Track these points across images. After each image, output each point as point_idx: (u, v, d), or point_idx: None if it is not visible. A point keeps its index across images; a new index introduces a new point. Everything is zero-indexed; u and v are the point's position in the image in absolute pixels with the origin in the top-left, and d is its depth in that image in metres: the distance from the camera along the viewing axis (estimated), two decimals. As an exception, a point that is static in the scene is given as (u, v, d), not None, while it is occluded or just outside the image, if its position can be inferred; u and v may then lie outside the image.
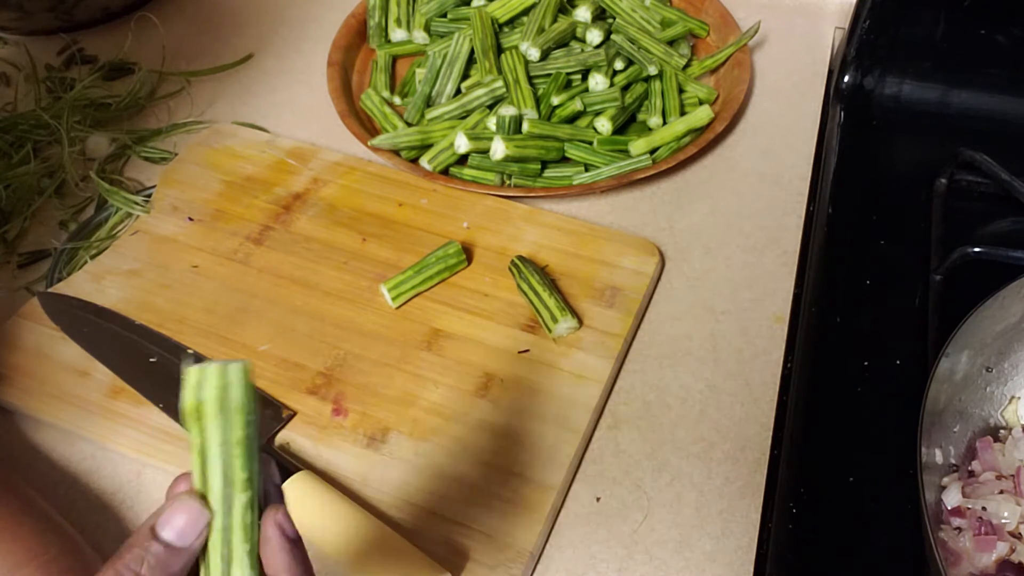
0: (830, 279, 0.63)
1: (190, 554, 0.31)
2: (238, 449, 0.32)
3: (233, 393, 0.31)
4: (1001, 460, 0.53)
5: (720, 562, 0.52)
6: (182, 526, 0.31)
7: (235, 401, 0.31)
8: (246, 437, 0.32)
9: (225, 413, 0.31)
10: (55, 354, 0.61)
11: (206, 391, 0.31)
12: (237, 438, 0.32)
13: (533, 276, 0.62)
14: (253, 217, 0.70)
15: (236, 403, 0.31)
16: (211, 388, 0.31)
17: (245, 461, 0.32)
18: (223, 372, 0.31)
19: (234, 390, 0.31)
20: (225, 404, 0.31)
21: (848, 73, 0.77)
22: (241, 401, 0.32)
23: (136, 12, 0.91)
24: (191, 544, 0.31)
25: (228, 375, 0.31)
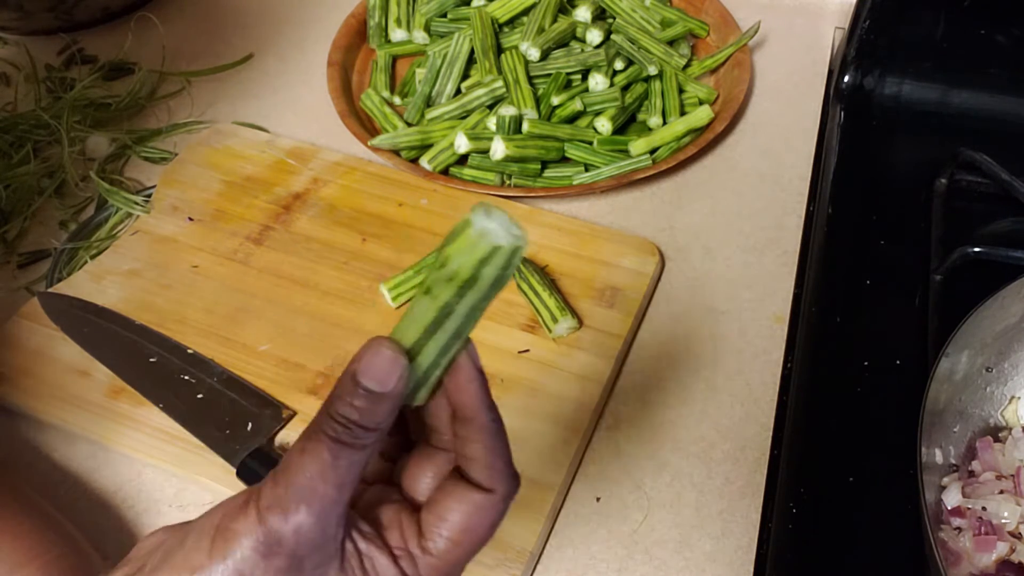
0: (830, 279, 0.63)
1: (395, 398, 0.31)
2: (479, 314, 0.32)
3: (507, 272, 0.31)
4: (1001, 460, 0.53)
5: (720, 562, 0.52)
6: (381, 373, 0.31)
7: (504, 279, 0.32)
8: (479, 305, 0.32)
9: (495, 286, 0.32)
10: (55, 354, 0.61)
11: (488, 268, 0.31)
12: (485, 305, 0.32)
13: (533, 276, 0.62)
14: (253, 217, 0.70)
15: (504, 280, 0.32)
16: (494, 267, 0.31)
17: (466, 321, 0.32)
18: (511, 254, 0.31)
19: (508, 270, 0.31)
20: (498, 280, 0.31)
21: (848, 73, 0.77)
22: (507, 277, 0.32)
23: (136, 12, 0.91)
24: (393, 388, 0.31)
25: (513, 257, 0.31)
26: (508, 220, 0.31)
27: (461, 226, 0.31)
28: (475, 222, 0.31)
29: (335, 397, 0.31)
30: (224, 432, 0.55)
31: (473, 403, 0.34)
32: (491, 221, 0.31)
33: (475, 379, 0.34)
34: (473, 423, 0.34)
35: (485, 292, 0.32)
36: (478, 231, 0.31)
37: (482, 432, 0.34)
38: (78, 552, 0.49)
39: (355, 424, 0.31)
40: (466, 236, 0.31)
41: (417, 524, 0.34)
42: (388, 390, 0.31)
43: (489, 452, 0.34)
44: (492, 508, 0.34)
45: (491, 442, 0.34)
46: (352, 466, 0.31)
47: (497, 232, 0.31)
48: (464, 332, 0.33)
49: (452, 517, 0.33)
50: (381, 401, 0.31)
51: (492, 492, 0.34)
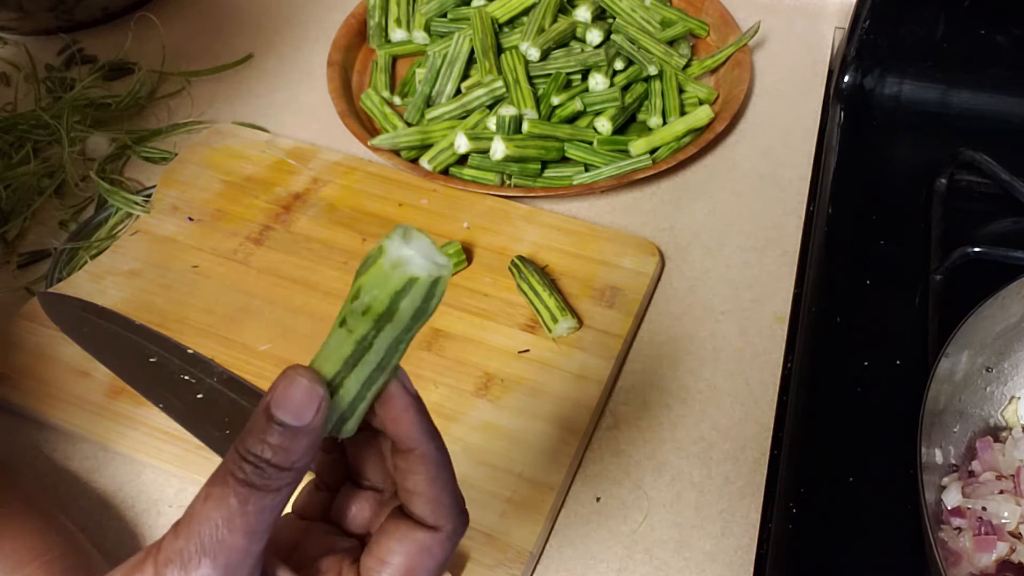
0: (830, 279, 0.63)
1: (314, 433, 0.28)
2: (403, 346, 0.30)
3: (429, 304, 0.29)
4: (1001, 460, 0.53)
5: (720, 562, 0.52)
6: (297, 405, 0.28)
7: (427, 310, 0.29)
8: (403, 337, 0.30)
9: (416, 319, 0.29)
10: (55, 354, 0.61)
11: (405, 301, 0.28)
12: (410, 337, 0.30)
13: (533, 276, 0.62)
14: (253, 217, 0.70)
15: (427, 311, 0.29)
16: (412, 300, 0.28)
17: (392, 355, 0.30)
18: (431, 286, 0.28)
19: (431, 301, 0.29)
20: (419, 312, 0.29)
21: (848, 73, 0.77)
22: (430, 309, 0.29)
23: (136, 12, 0.91)
24: (310, 422, 0.28)
25: (434, 288, 0.29)
26: (429, 246, 0.28)
27: (375, 253, 0.28)
28: (389, 250, 0.28)
29: (245, 434, 0.28)
30: (224, 432, 0.55)
31: (411, 432, 0.31)
32: (408, 248, 0.28)
33: (409, 407, 0.31)
34: (413, 454, 0.31)
35: (406, 325, 0.29)
36: (392, 260, 0.28)
37: (424, 463, 0.31)
38: (79, 551, 0.50)
39: (267, 463, 0.27)
40: (379, 266, 0.28)
41: (357, 571, 0.31)
42: (305, 424, 0.28)
43: (432, 484, 0.31)
44: (438, 547, 0.31)
45: (435, 473, 0.31)
46: (264, 512, 0.28)
47: (415, 261, 0.28)
48: (388, 364, 0.30)
49: (394, 560, 0.30)
50: (297, 436, 0.28)
51: (437, 530, 0.31)
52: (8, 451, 0.58)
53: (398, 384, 0.31)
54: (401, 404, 0.31)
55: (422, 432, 0.31)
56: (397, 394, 0.31)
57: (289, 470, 0.28)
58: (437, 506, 0.31)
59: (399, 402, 0.31)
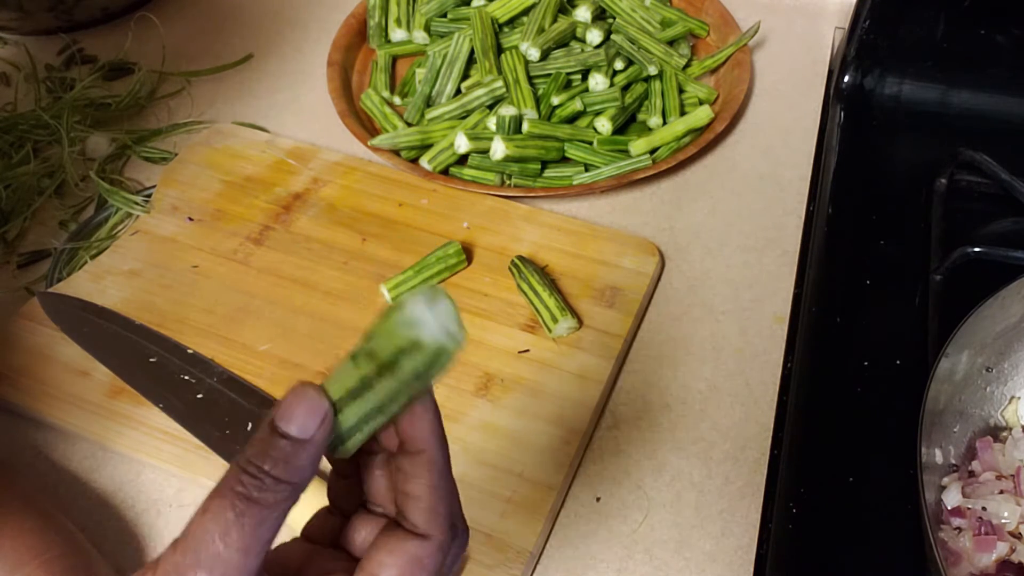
0: (830, 279, 0.63)
1: (316, 448, 0.29)
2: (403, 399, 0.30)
3: (431, 371, 0.29)
4: (1001, 460, 0.53)
5: (720, 562, 0.52)
6: (303, 417, 0.28)
7: (428, 377, 0.29)
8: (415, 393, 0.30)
9: (418, 381, 0.29)
10: (55, 354, 0.61)
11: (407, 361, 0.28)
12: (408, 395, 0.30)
13: (533, 276, 0.62)
14: (253, 217, 0.70)
15: (428, 378, 0.29)
16: (414, 362, 0.28)
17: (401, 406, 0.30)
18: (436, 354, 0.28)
19: (433, 369, 0.29)
20: (420, 376, 0.29)
21: (848, 73, 0.77)
22: (432, 375, 0.29)
23: (136, 12, 0.91)
24: (314, 435, 0.29)
25: (439, 358, 0.29)
26: (450, 314, 0.28)
27: (396, 304, 0.28)
28: (408, 307, 0.28)
29: (248, 447, 0.28)
30: (224, 432, 0.55)
31: (424, 435, 0.31)
32: (429, 311, 0.28)
33: (430, 410, 0.31)
34: (421, 457, 0.31)
35: (406, 383, 0.29)
36: (406, 318, 0.28)
37: (429, 468, 0.31)
38: (78, 551, 0.50)
39: (267, 475, 0.28)
40: (392, 319, 0.28)
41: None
42: (309, 436, 0.28)
43: (432, 492, 0.31)
44: (428, 558, 0.30)
45: (437, 481, 0.31)
46: (261, 527, 0.27)
47: (428, 325, 0.28)
48: (387, 411, 0.30)
49: (384, 572, 0.30)
50: (300, 450, 0.28)
51: (428, 538, 0.31)
52: (8, 451, 0.58)
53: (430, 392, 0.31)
54: (421, 407, 0.31)
55: (435, 437, 0.31)
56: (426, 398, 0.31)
57: (288, 484, 0.28)
58: (433, 515, 0.31)
59: (425, 403, 0.31)
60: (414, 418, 0.31)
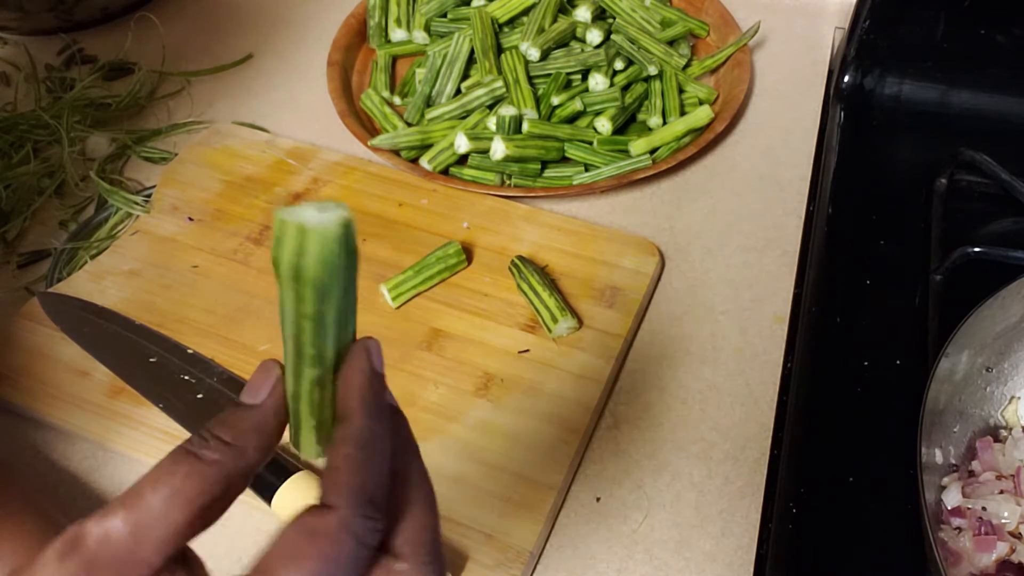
0: (830, 279, 0.63)
1: (264, 413, 0.29)
2: (307, 324, 0.28)
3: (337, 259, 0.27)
4: (1001, 460, 0.53)
5: (720, 562, 0.52)
6: (254, 385, 0.29)
7: (336, 268, 0.27)
8: (317, 313, 0.28)
9: (332, 278, 0.27)
10: (55, 354, 0.61)
11: (306, 259, 0.27)
12: (307, 312, 0.28)
13: (533, 276, 0.62)
14: (253, 217, 0.70)
15: (336, 269, 0.27)
16: (313, 256, 0.27)
17: (313, 337, 0.28)
18: (331, 237, 0.26)
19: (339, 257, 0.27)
20: (329, 267, 0.27)
21: (848, 73, 0.77)
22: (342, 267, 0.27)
23: (136, 12, 0.91)
24: (262, 401, 0.29)
25: (339, 240, 0.27)
26: (324, 205, 0.27)
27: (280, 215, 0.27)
28: (277, 218, 0.27)
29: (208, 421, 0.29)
30: (224, 432, 0.55)
31: (350, 398, 0.29)
32: (300, 211, 0.27)
33: (363, 371, 0.29)
34: (344, 424, 0.29)
35: (323, 287, 0.27)
36: (280, 222, 0.27)
37: (348, 436, 0.29)
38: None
39: (213, 436, 0.28)
40: (277, 230, 0.27)
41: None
42: (258, 400, 0.29)
43: (346, 462, 0.28)
44: (325, 532, 0.27)
45: (356, 452, 0.28)
46: (190, 479, 0.27)
47: (306, 216, 0.27)
48: (325, 351, 0.29)
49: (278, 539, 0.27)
50: (247, 414, 0.29)
51: (329, 510, 0.27)
52: (7, 451, 0.58)
53: (362, 345, 0.30)
54: (358, 364, 0.30)
55: (362, 402, 0.29)
56: (356, 354, 0.30)
57: (229, 445, 0.28)
58: (340, 487, 0.28)
59: (357, 361, 0.30)
60: (344, 381, 0.29)
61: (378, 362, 0.30)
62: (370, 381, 0.30)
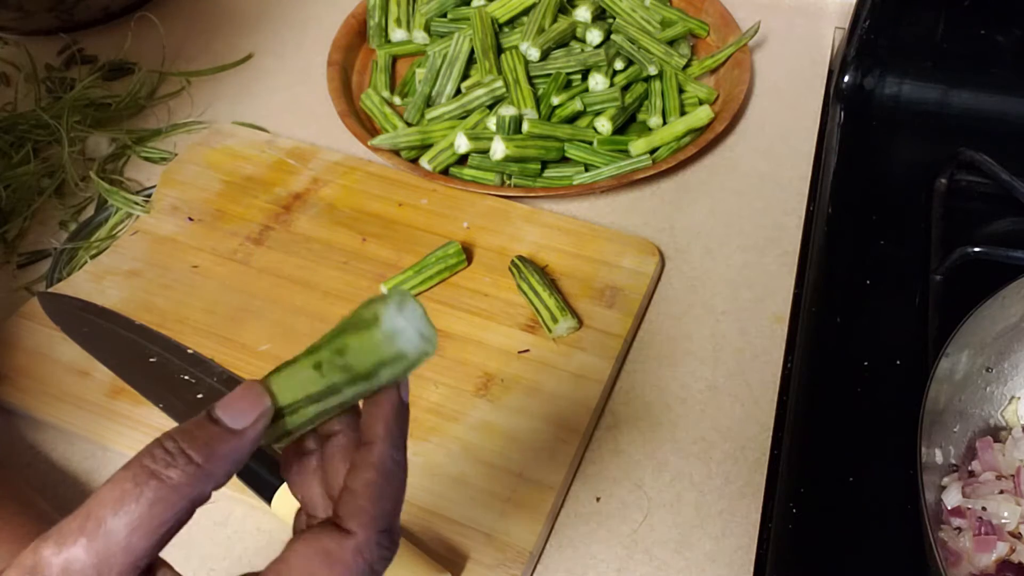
0: (830, 279, 0.63)
1: (243, 442, 0.27)
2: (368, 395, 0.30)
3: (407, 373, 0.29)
4: (1001, 460, 0.53)
5: (720, 562, 0.52)
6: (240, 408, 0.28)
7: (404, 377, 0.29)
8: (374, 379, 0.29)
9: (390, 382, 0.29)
10: (55, 354, 0.61)
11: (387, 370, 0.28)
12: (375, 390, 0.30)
13: (533, 276, 0.62)
14: (253, 217, 0.70)
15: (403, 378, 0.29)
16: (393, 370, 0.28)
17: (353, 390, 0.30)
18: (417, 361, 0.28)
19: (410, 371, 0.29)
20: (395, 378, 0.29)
21: (848, 73, 0.77)
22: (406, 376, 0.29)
23: (136, 12, 0.91)
24: (245, 429, 0.27)
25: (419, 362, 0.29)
26: (421, 316, 0.28)
27: (368, 317, 0.28)
28: (384, 320, 0.28)
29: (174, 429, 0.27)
30: (224, 432, 0.55)
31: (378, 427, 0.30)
32: (402, 318, 0.28)
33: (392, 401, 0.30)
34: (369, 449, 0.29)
35: (378, 385, 0.29)
36: (387, 332, 0.28)
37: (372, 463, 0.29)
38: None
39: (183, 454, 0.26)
40: (372, 335, 0.28)
41: None
42: (240, 427, 0.27)
43: (368, 488, 0.28)
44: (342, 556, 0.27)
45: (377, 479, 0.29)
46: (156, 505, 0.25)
47: (407, 334, 0.28)
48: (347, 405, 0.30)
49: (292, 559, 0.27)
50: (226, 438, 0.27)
51: (348, 535, 0.28)
52: (7, 451, 0.58)
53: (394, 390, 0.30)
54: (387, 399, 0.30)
55: (388, 432, 0.30)
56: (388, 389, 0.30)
57: (200, 468, 0.26)
58: (360, 512, 0.28)
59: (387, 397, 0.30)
60: (374, 406, 0.30)
61: (405, 393, 0.31)
62: (397, 411, 0.30)
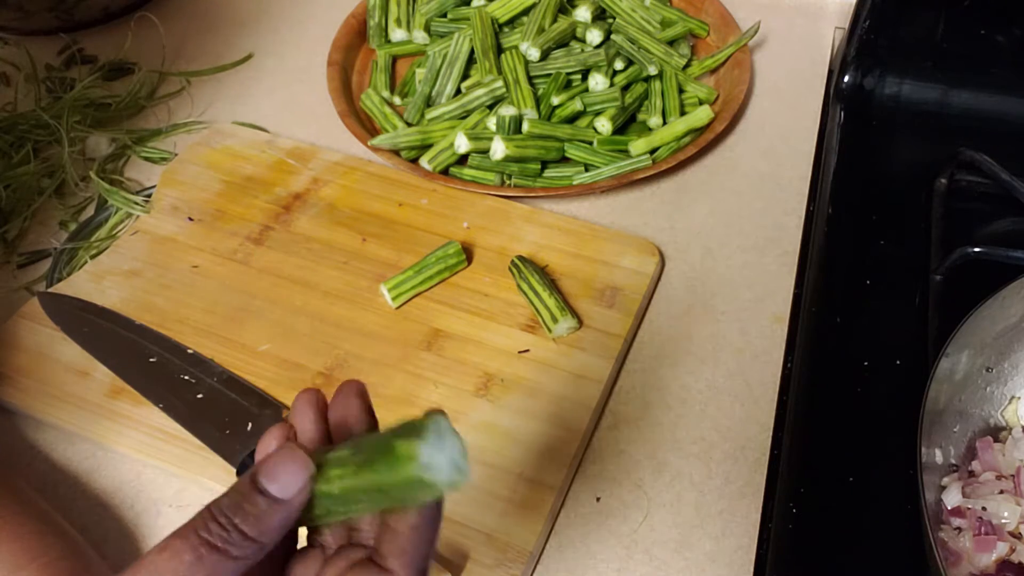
0: (830, 279, 0.63)
1: (289, 510, 0.29)
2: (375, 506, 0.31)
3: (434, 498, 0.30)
4: (1001, 460, 0.53)
5: (720, 562, 0.52)
6: (287, 477, 0.28)
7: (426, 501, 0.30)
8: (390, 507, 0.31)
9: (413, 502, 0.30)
10: (55, 354, 0.61)
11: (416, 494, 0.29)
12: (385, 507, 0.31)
13: (533, 276, 0.62)
14: (253, 217, 0.70)
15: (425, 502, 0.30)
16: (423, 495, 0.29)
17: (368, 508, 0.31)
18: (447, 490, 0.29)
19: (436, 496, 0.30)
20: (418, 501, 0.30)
21: (848, 73, 0.77)
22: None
23: (136, 12, 0.91)
24: (293, 497, 0.28)
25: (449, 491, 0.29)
26: (458, 450, 0.29)
27: (404, 451, 0.28)
28: (422, 453, 0.28)
29: (223, 496, 0.28)
30: (224, 432, 0.56)
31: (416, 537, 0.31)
32: (440, 451, 0.28)
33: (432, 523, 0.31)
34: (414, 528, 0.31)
35: (401, 503, 0.30)
36: (423, 464, 0.28)
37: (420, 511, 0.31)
38: (77, 554, 0.49)
39: (235, 528, 0.27)
40: (407, 466, 0.28)
41: None
42: (287, 497, 0.28)
43: (413, 531, 0.30)
44: None
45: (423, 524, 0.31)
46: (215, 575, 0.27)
47: (441, 468, 0.28)
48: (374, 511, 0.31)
49: None
50: (275, 509, 0.28)
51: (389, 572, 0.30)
52: (7, 451, 0.58)
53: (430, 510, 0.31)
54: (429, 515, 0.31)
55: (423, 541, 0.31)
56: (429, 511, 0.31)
57: (255, 542, 0.28)
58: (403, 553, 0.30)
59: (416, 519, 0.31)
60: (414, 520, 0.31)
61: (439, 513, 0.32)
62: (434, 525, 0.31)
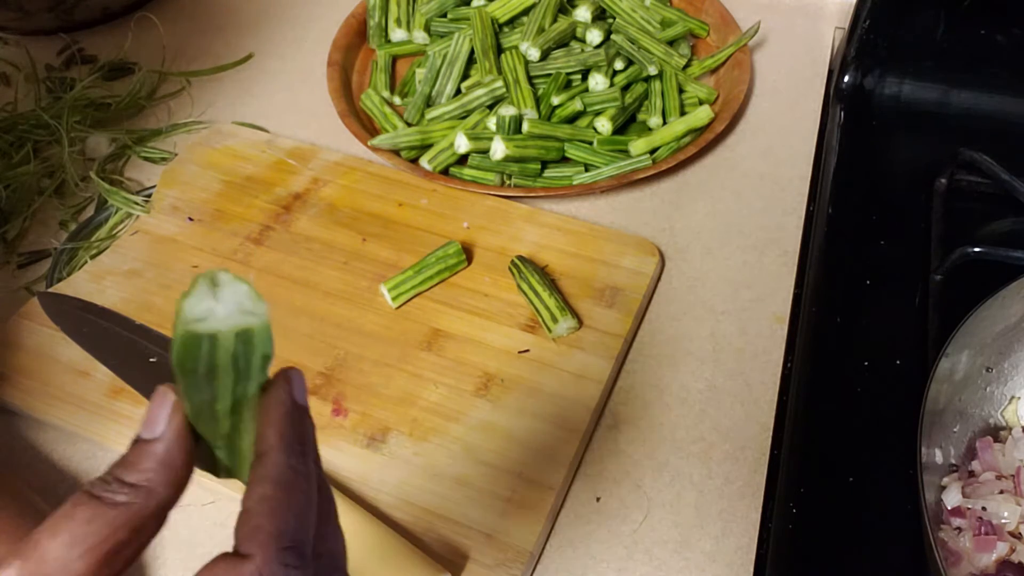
0: (830, 279, 0.63)
1: (164, 446, 0.27)
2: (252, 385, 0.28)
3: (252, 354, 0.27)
4: (1001, 460, 0.53)
5: (720, 562, 0.52)
6: (150, 417, 0.27)
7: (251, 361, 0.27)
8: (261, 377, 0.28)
9: (241, 370, 0.27)
10: (55, 354, 0.61)
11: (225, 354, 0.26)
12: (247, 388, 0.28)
13: (533, 276, 0.62)
14: (253, 217, 0.70)
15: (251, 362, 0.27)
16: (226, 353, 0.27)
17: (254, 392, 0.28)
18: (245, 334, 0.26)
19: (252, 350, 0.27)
20: (241, 364, 0.27)
21: (848, 73, 0.77)
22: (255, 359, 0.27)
23: (136, 12, 0.91)
24: (161, 433, 0.27)
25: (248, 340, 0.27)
26: (244, 294, 0.26)
27: (178, 314, 0.26)
28: (189, 307, 0.26)
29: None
30: (224, 432, 0.55)
31: (271, 433, 0.28)
32: (215, 299, 0.26)
33: (282, 403, 0.28)
34: (261, 461, 0.27)
35: (234, 379, 0.27)
36: (198, 317, 0.26)
37: (268, 479, 0.27)
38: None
39: (115, 479, 0.26)
40: (185, 326, 0.26)
41: None
42: (157, 434, 0.27)
43: (261, 504, 0.26)
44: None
45: (275, 493, 0.27)
46: (92, 523, 0.25)
47: (222, 315, 0.26)
48: (242, 404, 0.28)
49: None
50: (147, 449, 0.27)
51: (245, 559, 0.26)
52: (7, 451, 0.58)
53: (282, 378, 0.29)
54: (275, 397, 0.28)
55: (283, 441, 0.28)
56: (276, 386, 0.29)
57: (133, 486, 0.26)
58: (254, 531, 0.26)
59: (274, 394, 0.28)
60: (264, 413, 0.28)
61: (300, 394, 0.29)
62: (290, 415, 0.28)
